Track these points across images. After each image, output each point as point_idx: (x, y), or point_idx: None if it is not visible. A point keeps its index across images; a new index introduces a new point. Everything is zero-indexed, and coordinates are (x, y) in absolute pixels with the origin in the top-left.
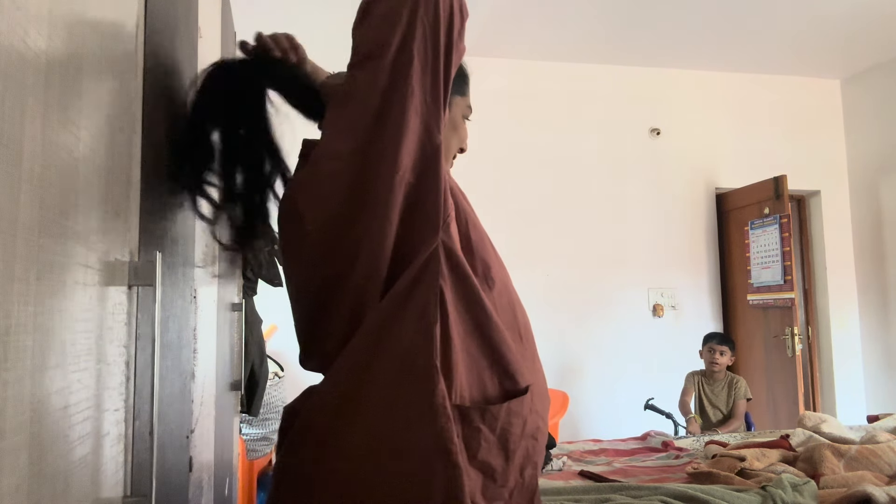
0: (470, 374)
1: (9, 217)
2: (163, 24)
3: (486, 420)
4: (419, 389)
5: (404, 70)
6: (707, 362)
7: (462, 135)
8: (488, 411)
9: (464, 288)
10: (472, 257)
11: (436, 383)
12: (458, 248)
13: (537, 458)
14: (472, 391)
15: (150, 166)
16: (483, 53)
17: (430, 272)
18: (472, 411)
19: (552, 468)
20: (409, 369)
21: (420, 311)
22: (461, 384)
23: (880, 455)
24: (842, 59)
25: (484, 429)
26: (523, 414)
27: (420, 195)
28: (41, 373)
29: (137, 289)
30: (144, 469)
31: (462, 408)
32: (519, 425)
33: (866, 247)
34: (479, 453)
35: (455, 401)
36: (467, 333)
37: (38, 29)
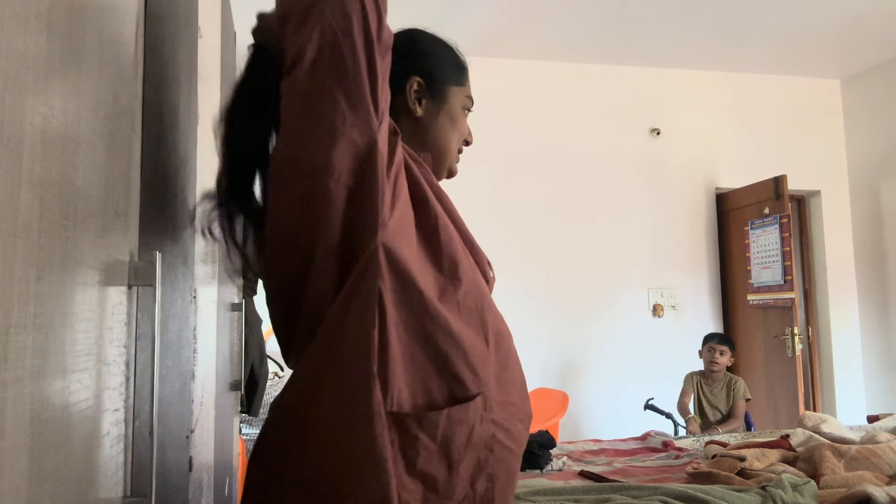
0: (413, 380)
1: (9, 217)
2: (163, 24)
3: (423, 427)
4: (356, 397)
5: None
6: (706, 362)
7: (462, 128)
8: (426, 418)
9: (406, 290)
10: (438, 253)
11: (371, 390)
12: (401, 248)
13: (494, 469)
14: (414, 398)
15: (149, 166)
16: (483, 53)
17: (369, 275)
18: (408, 419)
19: (552, 468)
20: (349, 376)
21: (360, 316)
22: (400, 390)
23: (880, 455)
24: (842, 59)
25: (422, 437)
26: (469, 422)
27: (359, 197)
28: (41, 373)
29: (137, 289)
30: (144, 469)
31: (398, 415)
32: (463, 433)
33: (866, 247)
34: (419, 462)
35: (391, 407)
36: (410, 337)
37: (38, 28)
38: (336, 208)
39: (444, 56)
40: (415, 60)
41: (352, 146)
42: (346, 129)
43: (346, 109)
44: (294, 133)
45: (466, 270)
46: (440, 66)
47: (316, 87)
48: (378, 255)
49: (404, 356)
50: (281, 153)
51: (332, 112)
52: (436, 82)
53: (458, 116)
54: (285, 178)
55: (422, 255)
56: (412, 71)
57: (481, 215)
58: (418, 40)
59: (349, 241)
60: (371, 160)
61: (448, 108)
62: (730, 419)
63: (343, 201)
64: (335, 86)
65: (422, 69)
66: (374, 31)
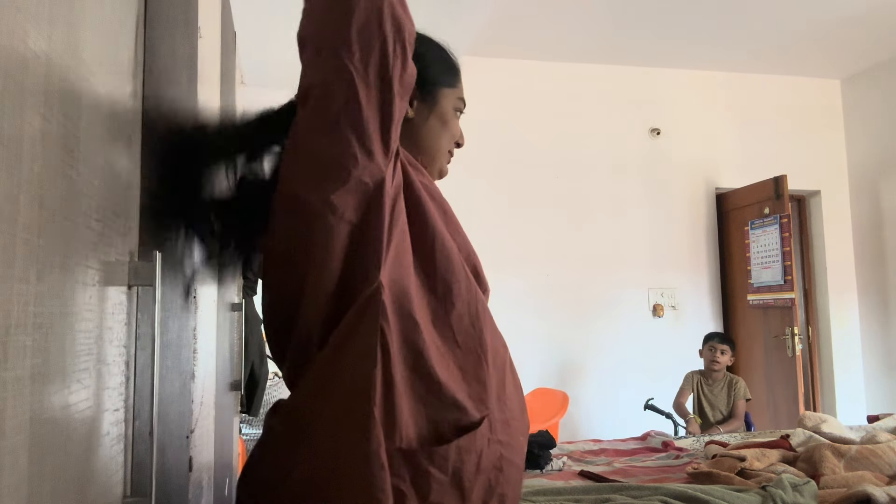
0: (418, 414)
1: (9, 217)
2: (163, 25)
3: (434, 462)
4: (354, 436)
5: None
6: (707, 361)
7: (454, 130)
8: (436, 453)
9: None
10: (433, 276)
11: (370, 430)
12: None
13: (504, 488)
14: (420, 431)
15: (149, 166)
16: (483, 53)
17: (370, 313)
18: (419, 455)
19: (552, 468)
20: (347, 415)
21: (360, 355)
22: (406, 426)
23: (880, 455)
24: (842, 59)
25: (433, 471)
26: (477, 448)
27: (363, 234)
28: (41, 373)
29: (137, 289)
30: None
31: (407, 452)
32: (473, 462)
33: (866, 247)
34: (431, 496)
35: (400, 444)
36: (412, 372)
37: (38, 29)
38: (337, 245)
39: (435, 58)
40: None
41: (360, 186)
42: (356, 172)
43: (358, 153)
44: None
45: (461, 292)
46: (431, 67)
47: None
48: (380, 293)
49: (408, 391)
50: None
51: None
52: (427, 84)
53: (450, 118)
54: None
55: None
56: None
57: (481, 215)
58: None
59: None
60: (378, 199)
61: (439, 109)
62: (730, 419)
63: (344, 238)
64: (347, 127)
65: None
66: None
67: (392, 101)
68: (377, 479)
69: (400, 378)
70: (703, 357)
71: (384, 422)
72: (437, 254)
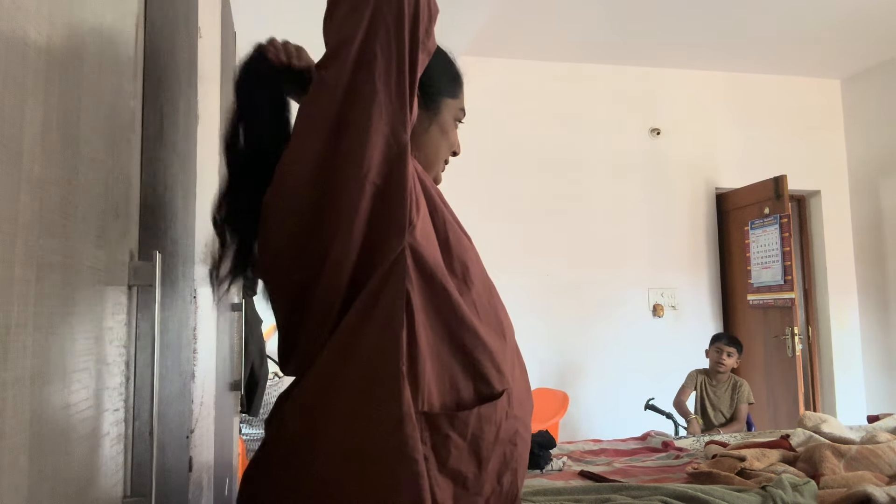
0: (441, 379)
1: (9, 217)
2: (163, 24)
3: (455, 427)
4: (385, 397)
5: (366, 69)
6: (713, 362)
7: (452, 139)
8: (457, 418)
9: (433, 291)
10: (449, 258)
11: (401, 391)
12: (427, 250)
13: (517, 463)
14: (443, 397)
15: (150, 166)
16: (483, 53)
17: (395, 276)
18: (441, 418)
19: (552, 468)
20: (376, 377)
21: (386, 318)
22: (430, 390)
23: (880, 455)
24: (842, 59)
25: (453, 435)
26: (497, 419)
27: (386, 197)
28: (41, 373)
29: (137, 289)
30: (144, 469)
31: (430, 415)
32: (492, 431)
33: (866, 247)
34: (450, 461)
35: (423, 408)
36: (437, 338)
37: (38, 29)
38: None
39: (440, 67)
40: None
41: (384, 142)
42: (381, 125)
43: (385, 103)
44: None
45: (477, 272)
46: (436, 76)
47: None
48: (405, 257)
49: (432, 356)
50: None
51: (369, 104)
52: (430, 93)
53: (449, 128)
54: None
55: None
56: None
57: (481, 215)
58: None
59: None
60: (402, 159)
61: (440, 119)
62: (732, 422)
63: (370, 199)
64: (378, 78)
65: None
66: (422, 33)
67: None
68: (411, 438)
69: (425, 342)
70: (708, 357)
71: (410, 384)
72: (450, 236)
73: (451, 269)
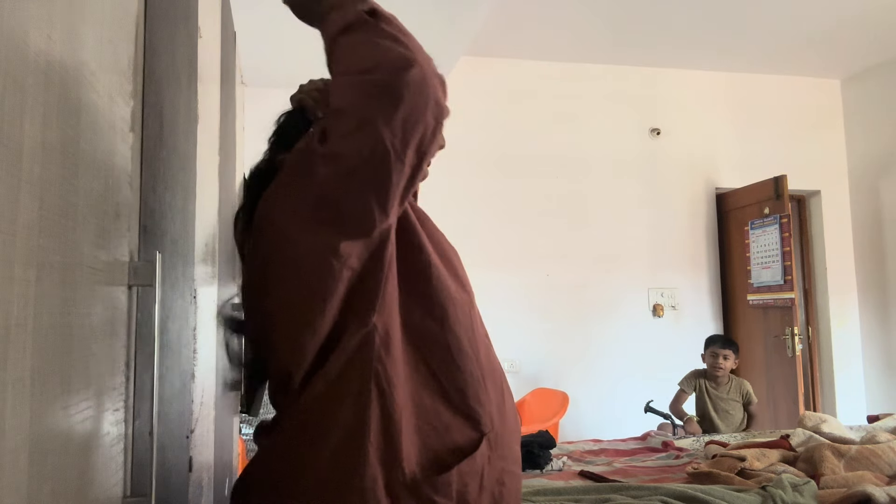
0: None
1: (9, 217)
2: (163, 24)
3: (439, 490)
4: (349, 472)
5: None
6: (710, 366)
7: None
8: (439, 482)
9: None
10: (430, 304)
11: (365, 467)
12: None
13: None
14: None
15: (149, 166)
16: (483, 53)
17: (363, 357)
18: (423, 486)
19: (552, 468)
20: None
21: (355, 397)
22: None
23: (880, 455)
24: (842, 59)
25: (439, 499)
26: (478, 469)
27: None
28: (41, 373)
29: (137, 289)
30: (144, 469)
31: (411, 484)
32: (476, 483)
33: (866, 247)
34: None
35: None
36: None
37: (38, 29)
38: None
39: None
40: None
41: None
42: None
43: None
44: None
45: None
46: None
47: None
48: (374, 336)
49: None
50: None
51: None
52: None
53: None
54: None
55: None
56: None
57: (481, 215)
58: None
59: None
60: (381, 255)
61: None
62: (752, 420)
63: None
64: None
65: None
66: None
67: (420, 171)
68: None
69: (399, 414)
70: (705, 362)
71: (384, 458)
72: (433, 280)
73: (429, 313)
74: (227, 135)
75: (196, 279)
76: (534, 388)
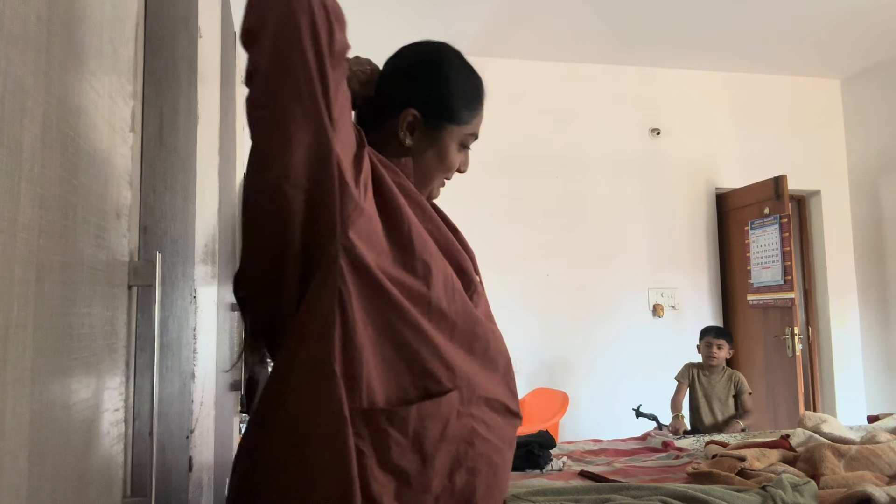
0: (387, 377)
1: (9, 217)
2: (163, 24)
3: (394, 423)
4: (318, 395)
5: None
6: (705, 356)
7: (448, 163)
8: (395, 414)
9: (373, 290)
10: (411, 257)
11: (332, 390)
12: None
13: (475, 462)
14: (388, 394)
15: (149, 166)
16: (483, 53)
17: (329, 277)
18: (378, 414)
19: (552, 468)
20: (313, 378)
21: (321, 318)
22: (372, 387)
23: (880, 455)
24: (842, 59)
25: (392, 432)
26: (441, 416)
27: (318, 199)
28: (41, 373)
29: (137, 289)
30: (144, 469)
31: (368, 411)
32: (436, 428)
33: (866, 247)
34: (391, 456)
35: (362, 404)
36: (380, 336)
37: (38, 29)
38: (294, 211)
39: (452, 91)
40: (420, 90)
41: (306, 150)
42: (300, 135)
43: (300, 116)
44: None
45: (438, 275)
46: (443, 101)
47: (271, 98)
48: (338, 258)
49: (375, 354)
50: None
51: (286, 119)
52: (433, 118)
53: (448, 154)
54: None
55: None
56: (412, 102)
57: (481, 215)
58: (434, 68)
59: (310, 246)
60: (327, 164)
61: (440, 145)
62: (745, 415)
63: (301, 204)
64: (288, 95)
65: (422, 102)
66: (324, 44)
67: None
68: (342, 436)
69: (366, 340)
70: (700, 353)
71: (346, 379)
72: (413, 237)
73: (411, 268)
74: (227, 135)
75: (196, 279)
76: (534, 388)
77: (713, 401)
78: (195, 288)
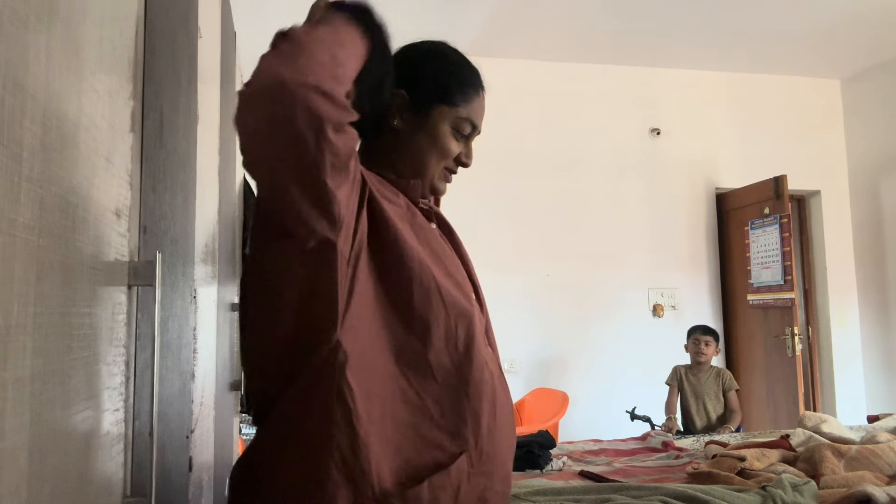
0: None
1: (9, 217)
2: (163, 24)
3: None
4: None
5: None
6: (692, 354)
7: (445, 150)
8: (408, 495)
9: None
10: (409, 316)
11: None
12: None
13: None
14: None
15: (149, 166)
16: (483, 53)
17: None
18: (392, 499)
19: (552, 468)
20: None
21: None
22: (381, 474)
23: (880, 455)
24: (842, 59)
25: None
26: (453, 484)
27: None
28: (41, 373)
29: (137, 289)
30: (144, 469)
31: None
32: (449, 497)
33: (866, 247)
34: None
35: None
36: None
37: (38, 29)
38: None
39: (443, 69)
40: (410, 72)
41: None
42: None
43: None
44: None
45: (440, 331)
46: (429, 81)
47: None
48: (338, 353)
49: (380, 437)
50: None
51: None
52: (423, 98)
53: (440, 136)
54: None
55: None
56: (400, 83)
57: (481, 215)
58: (428, 54)
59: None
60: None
61: (429, 126)
62: (732, 414)
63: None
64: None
65: (412, 82)
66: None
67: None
68: None
69: (366, 430)
70: (688, 351)
71: (351, 474)
72: (415, 292)
73: (409, 328)
74: (227, 135)
75: (196, 279)
76: (534, 388)
77: (704, 399)
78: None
